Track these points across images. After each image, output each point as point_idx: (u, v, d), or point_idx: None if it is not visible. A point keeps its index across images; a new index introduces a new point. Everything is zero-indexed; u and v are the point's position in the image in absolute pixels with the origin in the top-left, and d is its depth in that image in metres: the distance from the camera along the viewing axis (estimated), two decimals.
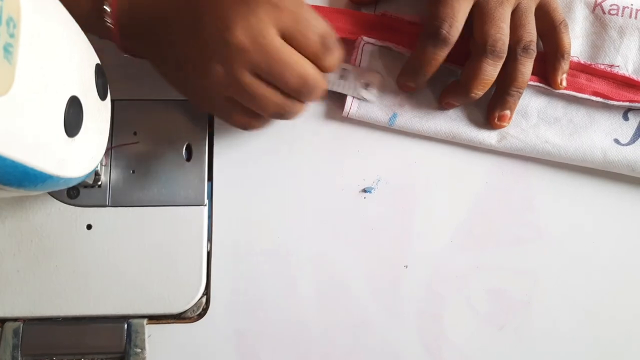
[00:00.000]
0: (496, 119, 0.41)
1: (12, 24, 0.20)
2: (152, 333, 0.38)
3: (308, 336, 0.39)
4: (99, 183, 0.39)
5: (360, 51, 0.42)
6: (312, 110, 0.42)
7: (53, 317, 0.38)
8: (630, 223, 0.42)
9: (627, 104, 0.41)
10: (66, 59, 0.25)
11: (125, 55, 0.36)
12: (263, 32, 0.31)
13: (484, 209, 0.42)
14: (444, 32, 0.37)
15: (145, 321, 0.38)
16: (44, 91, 0.23)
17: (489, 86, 0.39)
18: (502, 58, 0.38)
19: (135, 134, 0.40)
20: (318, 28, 0.33)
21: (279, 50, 0.32)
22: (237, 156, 0.41)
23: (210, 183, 0.41)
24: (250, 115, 0.35)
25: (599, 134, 0.42)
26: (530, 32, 0.39)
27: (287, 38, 0.32)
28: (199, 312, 0.39)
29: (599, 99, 0.41)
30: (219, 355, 0.38)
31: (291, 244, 0.40)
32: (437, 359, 0.39)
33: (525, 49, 0.39)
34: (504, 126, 0.41)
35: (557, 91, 0.41)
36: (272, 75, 0.33)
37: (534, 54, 0.39)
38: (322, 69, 0.35)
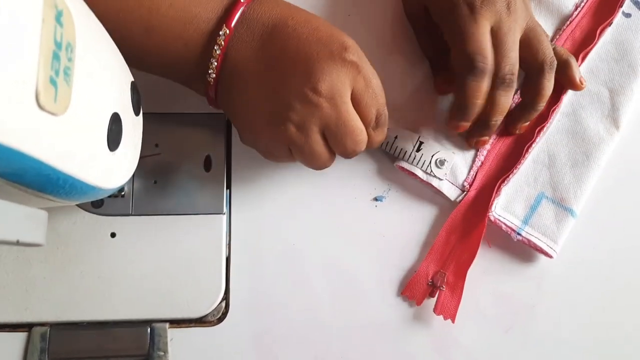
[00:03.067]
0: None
1: (70, 49, 0.22)
2: (174, 336, 0.40)
3: (324, 339, 0.41)
4: (123, 193, 0.41)
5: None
6: None
7: (79, 321, 0.40)
8: (633, 226, 0.44)
9: None
10: (109, 78, 0.27)
11: (210, 105, 0.38)
12: (342, 92, 0.34)
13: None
14: (480, 64, 0.39)
15: (167, 325, 0.40)
16: (92, 109, 0.25)
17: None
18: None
19: (157, 145, 0.42)
20: (379, 102, 0.36)
21: (350, 115, 0.34)
22: (254, 167, 0.43)
23: (228, 192, 0.42)
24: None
25: None
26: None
27: (354, 100, 0.35)
28: (219, 316, 0.41)
29: None
30: (239, 357, 0.40)
31: (306, 250, 0.42)
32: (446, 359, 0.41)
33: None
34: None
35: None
36: (335, 137, 0.35)
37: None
38: (369, 143, 0.37)
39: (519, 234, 0.42)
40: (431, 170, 0.42)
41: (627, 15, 0.46)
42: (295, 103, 0.33)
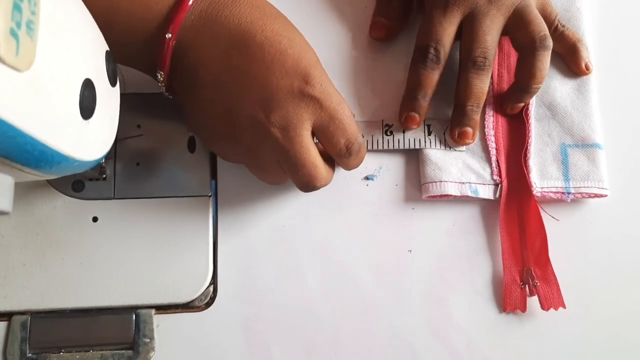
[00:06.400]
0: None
1: (33, 2, 0.21)
2: (160, 323, 0.39)
3: (315, 323, 0.39)
4: (104, 176, 0.39)
5: None
6: None
7: (61, 309, 0.38)
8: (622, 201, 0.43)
9: None
10: (80, 42, 0.26)
11: (166, 94, 0.37)
12: (296, 126, 0.33)
13: None
14: (431, 54, 0.39)
15: (153, 311, 0.39)
16: (61, 71, 0.23)
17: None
18: None
19: (139, 126, 0.41)
20: (347, 132, 0.35)
21: (303, 148, 0.34)
22: None
23: (214, 174, 0.41)
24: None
25: None
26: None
27: (318, 132, 0.35)
28: (206, 301, 0.39)
29: None
30: (227, 343, 0.39)
31: (296, 232, 0.41)
32: (443, 341, 0.40)
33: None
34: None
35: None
36: (289, 169, 0.35)
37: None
38: (344, 167, 0.38)
39: (568, 193, 0.41)
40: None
41: None
42: (248, 127, 0.33)
